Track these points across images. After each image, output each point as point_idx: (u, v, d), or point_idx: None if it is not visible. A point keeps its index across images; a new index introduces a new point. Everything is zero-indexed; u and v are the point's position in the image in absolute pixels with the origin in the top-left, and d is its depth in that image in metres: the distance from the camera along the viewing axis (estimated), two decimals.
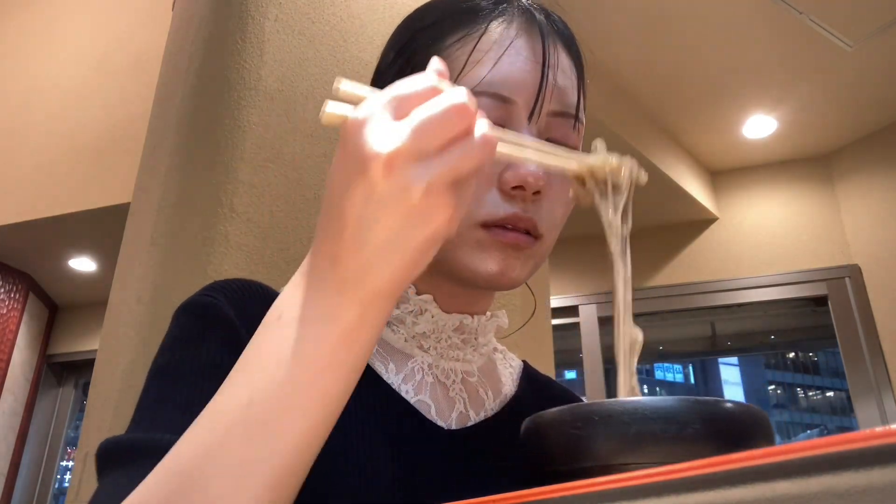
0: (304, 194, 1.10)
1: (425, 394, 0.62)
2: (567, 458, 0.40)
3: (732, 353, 4.11)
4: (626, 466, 0.37)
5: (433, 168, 0.37)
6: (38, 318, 3.73)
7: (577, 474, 0.38)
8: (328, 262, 0.40)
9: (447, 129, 0.37)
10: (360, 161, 0.37)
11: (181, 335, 0.56)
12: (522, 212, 0.58)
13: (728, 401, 0.40)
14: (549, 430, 0.42)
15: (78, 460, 1.16)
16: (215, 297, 0.57)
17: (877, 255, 2.87)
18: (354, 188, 0.37)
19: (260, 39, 1.16)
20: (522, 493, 0.33)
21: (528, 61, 0.60)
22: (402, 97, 0.38)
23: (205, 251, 1.03)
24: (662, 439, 0.37)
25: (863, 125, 2.95)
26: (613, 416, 0.38)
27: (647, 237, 3.13)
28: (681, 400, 0.39)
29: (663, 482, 0.28)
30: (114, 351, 1.11)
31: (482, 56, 0.59)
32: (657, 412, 0.38)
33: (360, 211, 0.38)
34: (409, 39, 0.65)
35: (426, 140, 0.37)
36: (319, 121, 0.39)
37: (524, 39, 0.61)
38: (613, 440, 0.38)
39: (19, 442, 3.54)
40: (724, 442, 0.38)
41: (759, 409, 0.41)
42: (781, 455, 0.25)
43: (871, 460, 0.23)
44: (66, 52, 3.23)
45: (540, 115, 0.59)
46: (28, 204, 2.99)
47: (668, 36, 2.49)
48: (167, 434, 0.45)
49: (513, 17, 0.62)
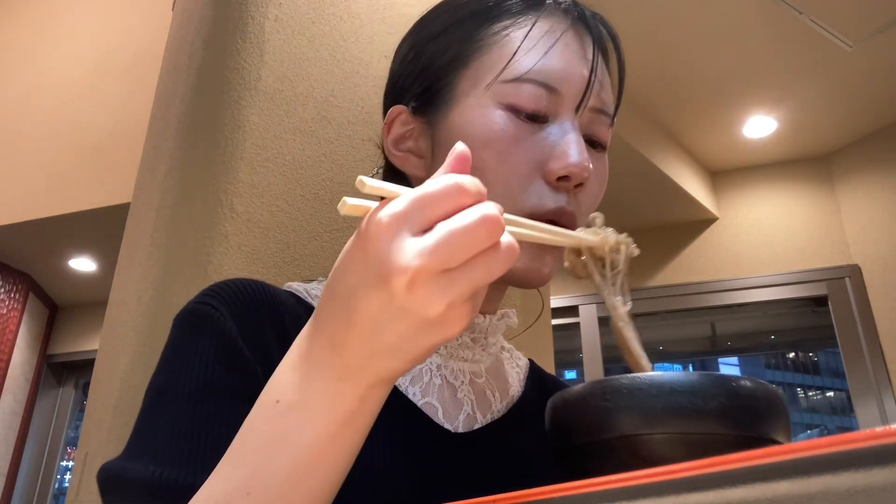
0: (305, 194, 1.10)
1: (432, 396, 0.61)
2: (596, 430, 0.41)
3: (732, 354, 4.11)
4: (651, 437, 0.39)
5: (457, 286, 0.36)
6: (38, 318, 3.73)
7: (603, 445, 0.41)
8: (330, 349, 0.40)
9: (475, 245, 0.36)
10: (384, 270, 0.36)
11: (177, 350, 0.55)
12: (567, 205, 0.58)
13: (743, 378, 0.41)
14: (578, 403, 0.44)
15: (78, 460, 1.16)
16: (213, 306, 0.56)
17: (877, 255, 2.87)
18: (373, 292, 0.37)
19: (260, 39, 1.16)
20: (522, 493, 0.33)
21: (577, 55, 0.61)
22: (429, 202, 0.37)
23: (205, 251, 1.03)
24: (688, 412, 0.39)
25: (863, 125, 2.95)
26: (642, 389, 0.40)
27: (647, 237, 3.13)
28: (703, 375, 0.40)
29: (663, 482, 0.28)
30: (114, 351, 1.11)
31: (533, 45, 0.60)
32: (683, 386, 0.40)
33: (376, 314, 0.37)
34: (445, 28, 0.65)
35: (453, 257, 0.36)
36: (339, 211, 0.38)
37: (573, 34, 0.61)
38: (641, 412, 0.40)
39: (19, 442, 3.54)
40: (744, 416, 0.39)
41: (772, 386, 0.43)
42: (782, 455, 0.25)
43: (871, 460, 0.23)
44: (66, 52, 3.23)
45: (584, 109, 0.60)
46: (28, 204, 2.99)
47: (668, 36, 2.49)
48: (162, 467, 0.46)
49: (560, 10, 0.63)
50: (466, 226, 0.36)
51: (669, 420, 0.39)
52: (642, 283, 3.17)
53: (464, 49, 0.62)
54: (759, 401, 0.41)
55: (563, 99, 0.59)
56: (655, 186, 2.89)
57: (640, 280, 3.18)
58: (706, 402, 0.39)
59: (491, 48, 0.61)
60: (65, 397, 3.85)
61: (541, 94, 0.58)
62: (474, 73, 0.61)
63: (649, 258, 3.18)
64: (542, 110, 0.59)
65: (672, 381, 0.40)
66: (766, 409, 0.41)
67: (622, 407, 0.40)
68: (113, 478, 0.48)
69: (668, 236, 3.20)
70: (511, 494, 0.33)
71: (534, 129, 0.59)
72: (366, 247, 0.37)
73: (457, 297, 0.36)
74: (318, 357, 0.40)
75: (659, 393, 0.40)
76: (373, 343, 0.38)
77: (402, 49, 0.70)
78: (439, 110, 0.63)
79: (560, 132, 0.59)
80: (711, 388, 0.40)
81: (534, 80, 0.58)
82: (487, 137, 0.58)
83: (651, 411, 0.40)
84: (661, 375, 0.41)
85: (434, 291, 0.36)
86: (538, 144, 0.59)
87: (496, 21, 0.62)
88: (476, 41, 0.62)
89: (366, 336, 0.38)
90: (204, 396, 0.50)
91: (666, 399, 0.40)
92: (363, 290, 0.37)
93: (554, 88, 0.59)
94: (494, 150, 0.58)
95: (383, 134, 0.67)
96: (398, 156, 0.66)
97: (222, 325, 0.54)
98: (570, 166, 0.57)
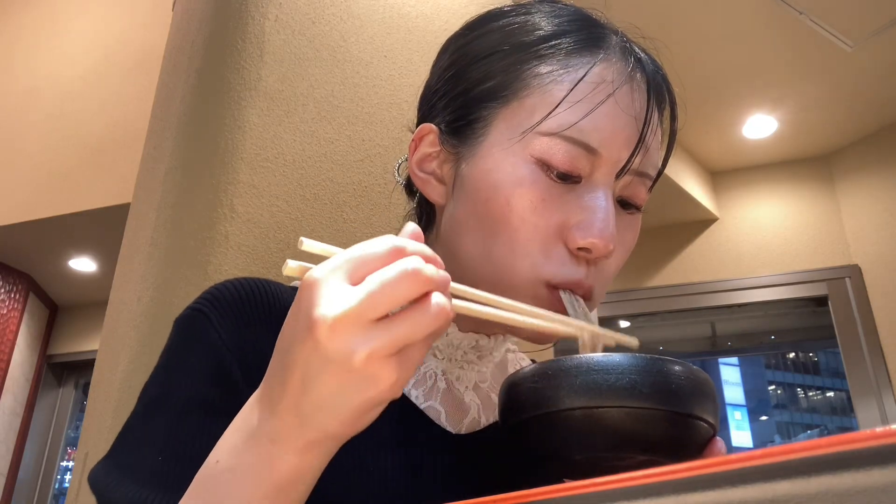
0: (304, 194, 1.10)
1: (436, 399, 0.60)
2: (528, 408, 0.45)
3: (733, 354, 4.11)
4: (573, 411, 0.43)
5: (377, 337, 0.37)
6: (38, 319, 3.73)
7: (534, 421, 0.45)
8: (268, 411, 0.40)
9: (396, 295, 0.37)
10: (309, 321, 0.37)
11: (171, 359, 0.55)
12: (585, 278, 0.54)
13: (680, 362, 0.44)
14: (516, 385, 0.47)
15: (78, 461, 1.16)
16: (208, 316, 0.54)
17: (877, 255, 2.87)
18: (301, 345, 0.38)
19: (260, 39, 1.16)
20: (522, 493, 0.33)
21: (624, 114, 0.55)
22: (360, 260, 0.38)
23: (205, 251, 1.03)
24: (602, 388, 0.42)
25: (863, 125, 2.95)
26: (563, 370, 0.44)
27: (647, 237, 3.12)
28: (623, 356, 0.44)
29: (663, 482, 0.28)
30: (114, 351, 1.11)
31: (579, 99, 0.54)
32: (599, 365, 0.43)
33: (304, 368, 0.38)
34: (491, 53, 0.59)
35: (373, 305, 0.36)
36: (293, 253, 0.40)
37: (626, 89, 0.56)
38: (562, 390, 0.43)
39: (19, 442, 3.54)
40: (657, 393, 0.42)
41: (705, 374, 0.45)
42: (782, 455, 0.25)
43: (871, 460, 0.23)
44: (66, 52, 3.23)
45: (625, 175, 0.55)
46: (28, 204, 2.99)
47: (667, 36, 2.49)
48: (143, 490, 0.47)
49: (616, 57, 0.57)
50: (389, 276, 0.37)
51: (585, 395, 0.42)
52: (642, 283, 3.17)
53: (505, 84, 0.57)
54: (675, 380, 0.43)
55: (602, 161, 0.54)
56: (655, 187, 2.89)
57: (641, 280, 3.18)
58: (618, 378, 0.42)
59: (534, 91, 0.56)
60: (65, 397, 3.85)
61: (578, 155, 0.53)
62: (512, 115, 0.56)
63: (649, 258, 3.18)
64: (577, 171, 0.54)
65: (590, 361, 0.43)
66: (683, 390, 0.43)
67: (547, 387, 0.44)
68: (98, 492, 0.50)
69: (668, 236, 3.20)
70: (511, 494, 0.33)
71: (564, 189, 0.54)
72: (299, 303, 0.38)
73: (378, 347, 0.37)
74: (257, 419, 0.41)
75: (577, 372, 0.43)
76: (303, 400, 0.38)
77: (443, 59, 0.65)
78: (469, 143, 0.59)
79: (591, 199, 0.54)
80: (625, 366, 0.43)
81: (573, 139, 0.53)
82: (512, 191, 0.54)
83: (570, 388, 0.43)
84: (582, 357, 0.44)
85: (354, 339, 0.36)
86: (565, 207, 0.54)
87: (545, 61, 0.57)
88: (520, 79, 0.57)
89: (296, 393, 0.38)
90: (191, 412, 0.50)
91: (583, 377, 0.43)
92: (295, 345, 0.38)
93: (594, 150, 0.54)
94: (518, 206, 0.54)
95: (409, 149, 0.64)
96: (421, 177, 0.62)
97: (214, 337, 0.53)
98: (593, 240, 0.53)
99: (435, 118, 0.63)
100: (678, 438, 0.43)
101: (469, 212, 0.57)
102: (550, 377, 0.44)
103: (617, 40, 0.59)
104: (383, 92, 1.24)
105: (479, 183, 0.57)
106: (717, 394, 0.46)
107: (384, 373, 0.37)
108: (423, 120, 0.65)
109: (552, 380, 0.44)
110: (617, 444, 0.43)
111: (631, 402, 0.42)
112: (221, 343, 0.53)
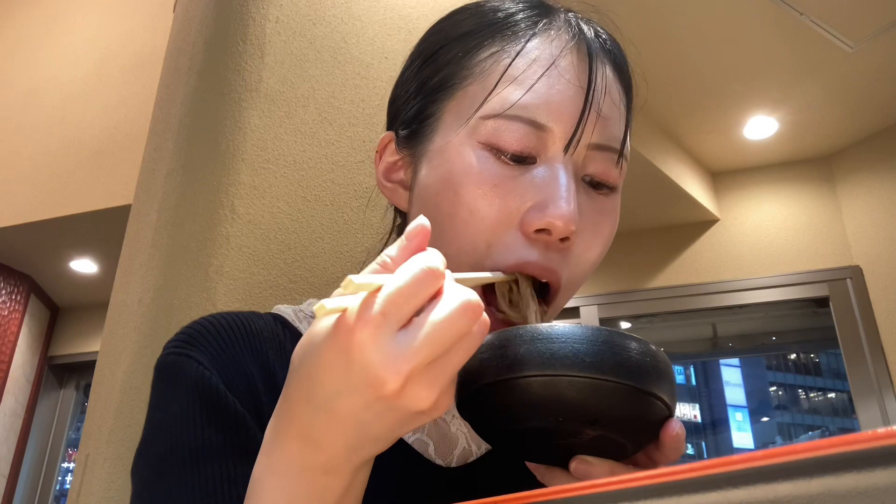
0: (306, 195, 1.10)
1: (423, 432, 0.58)
2: (478, 377, 0.44)
3: (734, 355, 4.11)
4: (517, 379, 0.42)
5: (443, 375, 0.36)
6: (39, 320, 3.73)
7: (484, 390, 0.44)
8: (313, 448, 0.39)
9: (458, 334, 0.36)
10: (372, 377, 0.35)
11: (162, 409, 0.52)
12: (543, 260, 0.51)
13: (636, 338, 0.43)
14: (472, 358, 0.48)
15: (79, 462, 1.16)
16: (192, 356, 0.52)
17: (878, 256, 2.87)
18: (358, 397, 0.36)
19: (261, 41, 1.16)
20: (522, 493, 0.33)
21: (571, 85, 0.53)
22: (404, 297, 0.36)
23: (206, 253, 1.03)
24: (544, 357, 0.42)
25: (864, 126, 2.95)
26: (509, 340, 0.43)
27: (648, 238, 3.13)
28: (568, 326, 0.43)
29: (664, 483, 0.28)
30: (115, 353, 1.11)
31: (519, 74, 0.52)
32: (540, 334, 0.42)
33: (361, 415, 0.37)
34: (438, 49, 0.58)
35: (438, 350, 0.36)
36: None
37: (568, 60, 0.53)
38: (507, 360, 0.43)
39: (20, 443, 3.54)
40: (603, 363, 0.41)
41: (663, 354, 0.44)
42: (783, 456, 0.25)
43: (872, 462, 0.23)
44: (66, 54, 3.23)
45: (577, 147, 0.52)
46: (29, 206, 2.99)
47: (668, 37, 2.49)
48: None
49: (557, 32, 0.55)
50: (448, 317, 0.36)
51: (527, 363, 0.42)
52: (643, 284, 3.17)
53: (450, 76, 0.55)
54: (624, 353, 0.42)
55: (553, 136, 0.51)
56: (656, 188, 2.89)
57: (641, 281, 3.17)
58: (560, 347, 0.41)
59: (476, 77, 0.54)
60: (66, 399, 3.85)
61: (527, 132, 0.51)
62: (457, 105, 0.54)
63: (650, 259, 3.18)
64: (529, 150, 0.51)
65: (532, 330, 0.43)
66: (633, 364, 0.42)
67: (493, 357, 0.43)
68: None
69: (669, 238, 3.20)
70: (511, 496, 0.33)
71: (518, 171, 0.51)
72: (350, 356, 0.36)
73: (446, 386, 0.37)
74: (299, 458, 0.39)
75: (520, 342, 0.42)
76: (358, 437, 0.38)
77: (406, 63, 0.64)
78: (423, 143, 0.57)
79: (547, 177, 0.51)
80: (567, 335, 0.42)
81: (518, 117, 0.51)
82: (460, 180, 0.52)
83: (514, 358, 0.42)
84: (526, 327, 0.43)
85: (425, 388, 0.36)
86: (520, 190, 0.51)
87: (486, 44, 0.55)
88: (462, 68, 0.55)
89: (350, 432, 0.38)
90: (205, 459, 0.48)
91: (527, 346, 0.42)
92: (347, 395, 0.36)
93: (542, 125, 0.51)
94: (467, 196, 0.51)
95: (375, 161, 0.62)
96: (388, 187, 0.61)
97: (205, 378, 0.51)
98: (550, 220, 0.49)
99: (395, 124, 0.61)
100: (628, 412, 0.42)
101: (423, 214, 0.56)
102: (496, 347, 0.44)
103: (564, 17, 0.57)
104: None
105: (430, 179, 0.55)
106: (674, 375, 0.45)
107: (445, 401, 0.38)
108: (388, 129, 0.64)
109: (498, 349, 0.43)
110: (563, 414, 0.42)
111: (574, 372, 0.41)
112: (204, 370, 0.51)
